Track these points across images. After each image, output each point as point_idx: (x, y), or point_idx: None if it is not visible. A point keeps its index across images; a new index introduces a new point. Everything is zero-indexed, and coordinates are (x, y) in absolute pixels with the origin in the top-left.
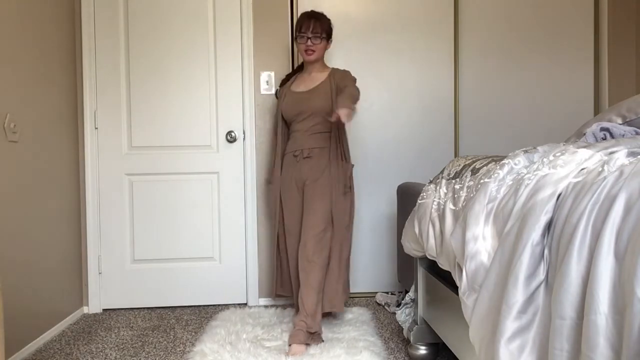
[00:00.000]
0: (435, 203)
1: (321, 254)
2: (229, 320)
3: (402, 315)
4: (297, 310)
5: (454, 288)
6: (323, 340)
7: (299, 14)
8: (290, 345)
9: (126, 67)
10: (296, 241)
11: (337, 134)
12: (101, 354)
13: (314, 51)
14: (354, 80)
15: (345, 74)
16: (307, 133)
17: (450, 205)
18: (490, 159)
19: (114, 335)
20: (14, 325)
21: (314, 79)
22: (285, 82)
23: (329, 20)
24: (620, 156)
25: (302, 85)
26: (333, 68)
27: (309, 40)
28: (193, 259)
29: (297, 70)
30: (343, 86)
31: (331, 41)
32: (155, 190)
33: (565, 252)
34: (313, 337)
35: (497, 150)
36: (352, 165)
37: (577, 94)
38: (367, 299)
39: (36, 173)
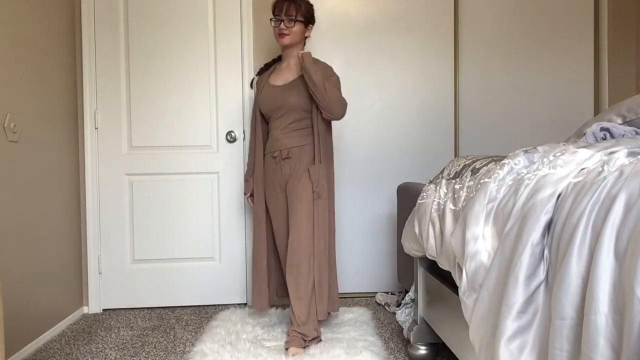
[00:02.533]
0: (435, 203)
1: (310, 262)
2: (229, 320)
3: (402, 315)
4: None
5: (454, 288)
6: (321, 340)
7: None
8: (287, 349)
9: (126, 67)
10: (286, 244)
11: (321, 130)
12: (101, 354)
13: (286, 34)
14: (338, 80)
15: (326, 69)
16: (284, 131)
17: (450, 205)
18: (490, 159)
19: (114, 335)
20: (14, 325)
21: (292, 71)
22: (263, 71)
23: (308, 3)
24: (620, 156)
25: (280, 78)
26: (313, 58)
27: (282, 23)
28: (193, 259)
29: (277, 59)
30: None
31: (311, 27)
32: (155, 190)
33: (565, 252)
34: (311, 341)
35: (497, 150)
36: (326, 166)
37: (577, 94)
38: (367, 299)
39: (36, 173)
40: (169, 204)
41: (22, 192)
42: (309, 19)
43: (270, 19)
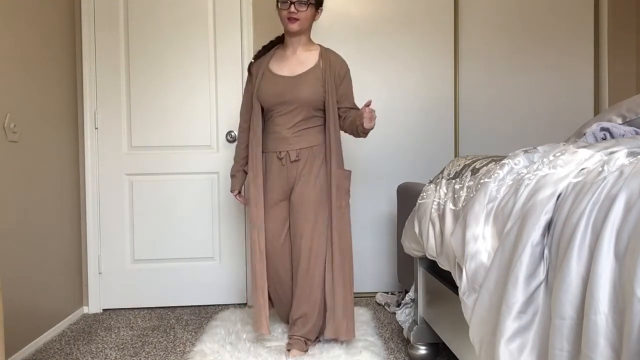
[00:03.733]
0: (435, 203)
1: (322, 274)
2: (229, 320)
3: (402, 315)
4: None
5: (454, 288)
6: (321, 340)
7: None
8: (289, 350)
9: (126, 67)
10: (278, 253)
11: (331, 129)
12: (101, 354)
13: (297, 19)
14: (350, 78)
15: (346, 70)
16: (292, 130)
17: (450, 205)
18: (490, 159)
19: (114, 335)
20: (14, 325)
21: (301, 60)
22: (261, 54)
23: None
24: (620, 156)
25: (286, 67)
26: (322, 47)
27: (293, 6)
28: (193, 259)
29: (277, 42)
30: (344, 93)
31: (321, 10)
32: (155, 190)
33: (565, 252)
34: (312, 343)
35: (497, 150)
36: (349, 172)
37: (577, 94)
38: (367, 299)
39: (36, 173)
40: (169, 204)
41: (22, 192)
42: (320, 1)
43: (277, 1)
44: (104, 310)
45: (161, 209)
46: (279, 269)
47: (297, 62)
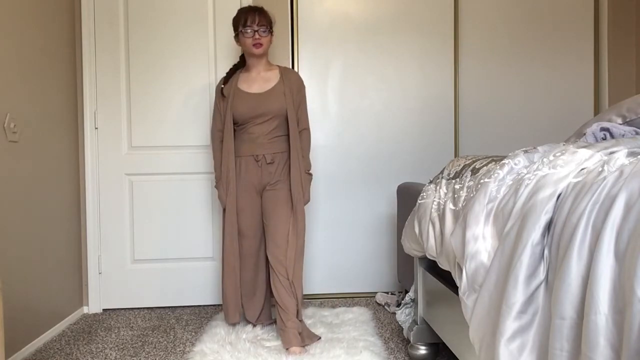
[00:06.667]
0: (435, 203)
1: (293, 266)
2: None
3: (402, 315)
4: (254, 321)
5: (454, 288)
6: (320, 338)
7: (299, 15)
8: (288, 348)
9: (126, 66)
10: (253, 244)
11: (292, 137)
12: (101, 354)
13: (262, 44)
14: (305, 100)
15: (301, 85)
16: (268, 137)
17: (450, 205)
18: (490, 159)
19: (114, 335)
20: (14, 325)
21: (266, 79)
22: (228, 79)
23: (270, 13)
24: (620, 156)
25: (255, 86)
26: (279, 66)
27: (256, 34)
28: (193, 259)
29: (236, 67)
30: (299, 102)
31: (273, 35)
32: (155, 190)
33: (565, 252)
34: (310, 337)
35: (497, 150)
36: (311, 175)
37: (577, 94)
38: (367, 299)
39: (36, 173)
40: (169, 204)
41: (22, 192)
42: (272, 30)
43: (240, 31)
44: (104, 310)
45: (161, 209)
46: (250, 253)
47: (263, 80)
